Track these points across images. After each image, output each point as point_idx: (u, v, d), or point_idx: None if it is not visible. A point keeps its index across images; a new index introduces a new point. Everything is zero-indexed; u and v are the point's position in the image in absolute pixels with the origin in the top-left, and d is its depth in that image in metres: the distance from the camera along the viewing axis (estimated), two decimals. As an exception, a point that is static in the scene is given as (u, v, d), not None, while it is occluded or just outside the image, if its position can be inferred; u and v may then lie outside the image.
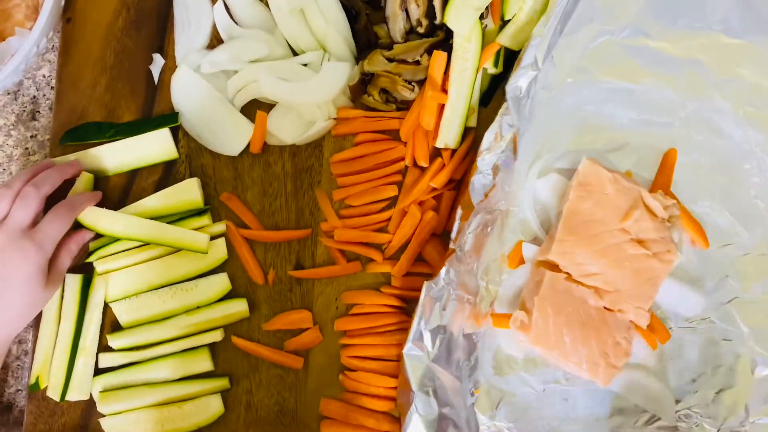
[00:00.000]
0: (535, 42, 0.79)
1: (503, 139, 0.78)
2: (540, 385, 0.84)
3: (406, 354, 0.76)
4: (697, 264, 0.85)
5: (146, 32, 0.92)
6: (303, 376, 0.87)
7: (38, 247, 0.78)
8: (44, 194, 0.82)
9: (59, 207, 0.82)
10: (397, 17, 0.87)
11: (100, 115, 0.91)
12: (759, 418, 0.81)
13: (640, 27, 0.85)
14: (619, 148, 0.86)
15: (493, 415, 0.82)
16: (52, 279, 0.81)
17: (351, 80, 0.90)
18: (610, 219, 0.82)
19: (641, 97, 0.86)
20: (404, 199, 0.87)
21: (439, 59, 0.86)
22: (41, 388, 0.86)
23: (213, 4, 0.91)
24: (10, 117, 0.94)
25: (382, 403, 0.84)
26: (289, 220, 0.89)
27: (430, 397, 0.75)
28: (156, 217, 0.87)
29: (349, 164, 0.89)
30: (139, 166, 0.90)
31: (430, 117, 0.86)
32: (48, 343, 0.86)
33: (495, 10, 0.86)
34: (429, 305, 0.77)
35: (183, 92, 0.90)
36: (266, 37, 0.90)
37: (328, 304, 0.88)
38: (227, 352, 0.87)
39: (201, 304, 0.87)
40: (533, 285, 0.83)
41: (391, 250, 0.87)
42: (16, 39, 0.87)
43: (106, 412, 0.85)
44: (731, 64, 0.85)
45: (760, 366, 0.82)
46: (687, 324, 0.84)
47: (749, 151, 0.85)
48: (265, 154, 0.90)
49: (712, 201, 0.85)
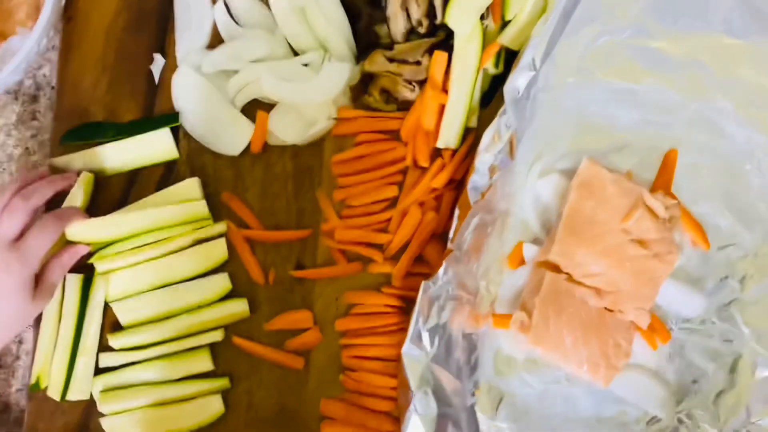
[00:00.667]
0: (534, 42, 0.79)
1: (501, 139, 0.78)
2: (541, 386, 0.83)
3: (405, 353, 0.76)
4: (698, 265, 0.84)
5: (147, 32, 0.92)
6: (304, 376, 0.87)
7: (22, 260, 0.76)
8: (33, 206, 0.80)
9: (45, 219, 0.79)
10: (397, 17, 0.87)
11: (101, 114, 0.91)
12: (760, 419, 0.80)
13: (641, 27, 0.85)
14: (620, 149, 0.86)
15: (493, 416, 0.82)
16: (40, 292, 0.79)
17: (352, 80, 0.90)
18: (611, 219, 0.82)
19: (642, 97, 0.86)
20: (405, 200, 0.87)
21: (440, 59, 0.86)
22: (41, 387, 0.86)
23: (214, 4, 0.91)
24: (10, 116, 0.94)
25: (383, 403, 0.84)
26: (289, 220, 0.89)
27: (429, 396, 0.75)
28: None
29: (349, 164, 0.89)
30: (139, 166, 0.89)
31: (431, 117, 0.86)
32: (48, 343, 0.86)
33: (496, 10, 0.86)
34: (427, 305, 0.77)
35: (184, 92, 0.90)
36: (267, 37, 0.90)
37: (328, 304, 0.88)
38: (228, 352, 0.87)
39: (201, 304, 0.87)
40: (534, 286, 0.82)
41: (392, 250, 0.87)
42: (17, 38, 0.87)
43: (107, 412, 0.85)
44: (733, 65, 0.85)
45: (761, 367, 0.81)
46: (687, 325, 0.84)
47: (750, 151, 0.85)
48: (265, 154, 0.90)
49: (713, 202, 0.85)
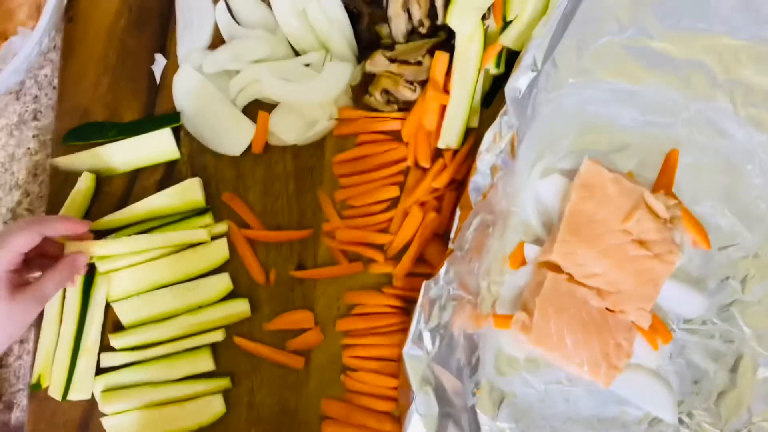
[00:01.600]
0: (535, 43, 0.79)
1: (502, 139, 0.78)
2: (542, 386, 0.83)
3: (406, 353, 0.76)
4: (699, 265, 0.84)
5: (148, 32, 0.92)
6: (304, 376, 0.87)
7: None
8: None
9: (26, 219, 0.77)
10: (399, 18, 0.87)
11: (103, 114, 0.91)
12: (761, 419, 0.80)
13: (642, 28, 0.85)
14: (622, 149, 0.86)
15: (494, 416, 0.82)
16: (24, 297, 0.75)
17: (353, 81, 0.90)
18: (612, 220, 0.82)
19: (644, 97, 0.86)
20: (406, 200, 0.87)
21: (441, 60, 0.86)
22: (43, 387, 0.86)
23: (215, 4, 0.91)
24: (12, 117, 0.94)
25: (384, 404, 0.84)
26: (290, 220, 0.89)
27: (430, 396, 0.75)
28: (157, 217, 0.88)
29: (350, 164, 0.89)
30: (140, 166, 0.90)
31: (432, 117, 0.86)
32: (50, 343, 0.86)
33: (497, 10, 0.86)
34: (428, 305, 0.77)
35: (185, 92, 0.90)
36: (268, 37, 0.90)
37: (329, 305, 0.88)
38: (229, 352, 0.87)
39: (203, 304, 0.87)
40: (535, 286, 0.82)
41: (393, 250, 0.87)
42: (19, 38, 0.87)
43: (108, 412, 0.85)
44: (734, 65, 0.85)
45: (762, 367, 0.81)
46: (689, 325, 0.84)
47: (751, 151, 0.85)
48: (266, 155, 0.90)
49: (714, 202, 0.85)
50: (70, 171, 0.89)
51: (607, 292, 0.81)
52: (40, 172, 0.93)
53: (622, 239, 0.81)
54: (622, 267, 0.81)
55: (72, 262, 0.80)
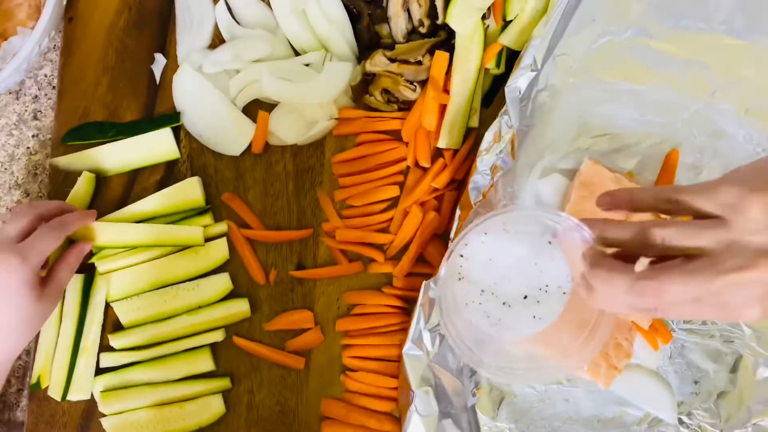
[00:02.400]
0: (535, 43, 0.79)
1: (502, 139, 0.78)
2: (542, 386, 0.83)
3: (406, 354, 0.76)
4: (699, 265, 0.84)
5: (148, 32, 0.92)
6: (304, 376, 0.87)
7: (22, 258, 0.75)
8: (38, 213, 0.80)
9: (50, 223, 0.79)
10: (399, 17, 0.87)
11: (102, 114, 0.91)
12: (761, 420, 0.80)
13: (642, 28, 0.85)
14: (621, 149, 0.86)
15: (494, 416, 0.82)
16: (48, 294, 0.78)
17: (353, 80, 0.90)
18: (612, 220, 0.81)
19: (644, 97, 0.86)
20: (406, 200, 0.87)
21: (441, 59, 0.86)
22: (42, 387, 0.86)
23: (215, 4, 0.91)
24: (11, 116, 0.94)
25: (384, 404, 0.84)
26: (290, 220, 0.89)
27: (430, 396, 0.75)
28: (157, 216, 0.87)
29: (350, 164, 0.89)
30: (140, 166, 0.90)
31: (432, 117, 0.86)
32: (49, 343, 0.86)
33: (497, 10, 0.86)
34: (428, 305, 0.77)
35: (185, 92, 0.90)
36: (268, 36, 0.90)
37: (329, 305, 0.88)
38: (228, 352, 0.87)
39: (202, 304, 0.87)
40: (535, 285, 0.82)
41: (393, 250, 0.87)
42: (18, 38, 0.87)
43: (108, 412, 0.85)
44: (734, 65, 0.85)
45: (762, 367, 0.81)
46: (688, 325, 0.84)
47: (752, 152, 0.85)
48: (266, 154, 0.90)
49: (715, 202, 0.85)
50: (70, 171, 0.89)
51: (607, 292, 0.81)
52: (40, 172, 0.93)
53: (622, 239, 0.81)
54: (622, 267, 0.81)
55: (81, 250, 0.84)
